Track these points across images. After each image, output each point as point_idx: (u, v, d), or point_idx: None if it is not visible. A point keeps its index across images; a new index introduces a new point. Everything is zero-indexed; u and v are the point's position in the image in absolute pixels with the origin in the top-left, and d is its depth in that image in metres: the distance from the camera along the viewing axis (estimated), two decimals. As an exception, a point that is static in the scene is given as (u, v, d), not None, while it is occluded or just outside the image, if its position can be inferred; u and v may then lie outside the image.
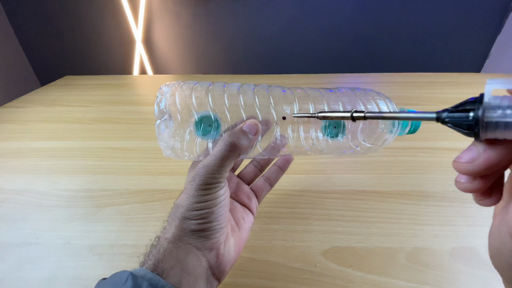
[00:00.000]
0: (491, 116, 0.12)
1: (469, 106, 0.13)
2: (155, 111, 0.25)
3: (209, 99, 0.25)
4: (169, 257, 0.20)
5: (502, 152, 0.13)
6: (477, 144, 0.14)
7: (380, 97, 0.26)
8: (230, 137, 0.23)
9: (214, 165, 0.22)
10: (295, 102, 0.25)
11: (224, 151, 0.22)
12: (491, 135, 0.12)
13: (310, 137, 0.26)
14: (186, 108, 0.25)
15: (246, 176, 0.31)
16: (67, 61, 1.65)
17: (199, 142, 0.26)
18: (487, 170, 0.13)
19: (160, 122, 0.26)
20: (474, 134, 0.13)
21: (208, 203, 0.22)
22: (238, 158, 0.23)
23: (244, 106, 0.25)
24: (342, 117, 0.19)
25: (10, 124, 0.60)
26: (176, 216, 0.22)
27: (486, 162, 0.13)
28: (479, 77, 0.82)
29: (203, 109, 0.25)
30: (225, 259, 0.23)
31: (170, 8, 1.46)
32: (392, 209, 0.35)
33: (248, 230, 0.27)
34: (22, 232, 0.34)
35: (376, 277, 0.27)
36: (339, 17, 1.41)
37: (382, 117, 0.17)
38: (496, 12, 1.34)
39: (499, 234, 0.13)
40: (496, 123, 0.12)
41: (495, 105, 0.12)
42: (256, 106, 0.25)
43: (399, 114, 0.16)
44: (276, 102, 0.25)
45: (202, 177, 0.22)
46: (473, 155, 0.13)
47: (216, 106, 0.25)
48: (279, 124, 0.26)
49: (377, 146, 0.26)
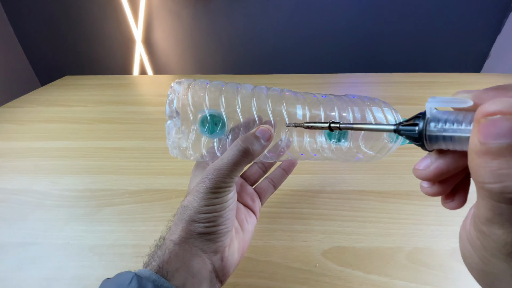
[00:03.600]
0: (431, 130, 0.13)
1: (416, 121, 0.14)
2: (167, 110, 0.25)
3: (222, 99, 0.25)
4: (174, 259, 0.20)
5: (449, 160, 0.14)
6: (431, 153, 0.15)
7: (387, 106, 0.26)
8: (243, 143, 0.22)
9: (225, 169, 0.22)
10: (306, 107, 0.26)
11: (237, 156, 0.22)
12: (436, 146, 0.14)
13: (315, 142, 0.27)
14: (196, 107, 0.25)
15: (250, 177, 0.31)
16: (67, 61, 1.65)
17: (205, 141, 0.26)
18: (438, 177, 0.15)
19: (170, 122, 0.25)
20: (421, 146, 0.14)
21: (217, 206, 0.22)
22: (250, 163, 0.23)
23: (257, 108, 0.25)
24: (322, 127, 0.21)
25: (10, 124, 0.60)
26: (183, 218, 0.22)
27: (436, 169, 0.14)
28: (479, 77, 0.82)
29: (214, 108, 0.25)
30: (229, 262, 0.23)
31: (170, 8, 1.46)
32: (392, 209, 0.35)
33: (251, 232, 0.27)
34: (22, 232, 0.34)
35: (376, 277, 0.27)
36: (339, 17, 1.41)
37: (352, 128, 0.19)
38: (496, 12, 1.34)
39: (461, 237, 0.14)
40: (436, 137, 0.13)
41: (435, 120, 0.13)
42: (269, 109, 0.25)
43: (366, 126, 0.18)
44: (288, 107, 0.26)
45: (212, 180, 0.22)
46: (427, 163, 0.15)
47: (226, 106, 0.25)
48: (287, 129, 0.26)
49: (381, 155, 0.27)
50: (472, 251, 0.13)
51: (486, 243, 0.12)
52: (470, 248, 0.13)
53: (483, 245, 0.12)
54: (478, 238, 0.12)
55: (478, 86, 0.80)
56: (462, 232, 0.14)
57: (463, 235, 0.14)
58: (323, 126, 0.20)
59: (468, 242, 0.13)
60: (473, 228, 0.13)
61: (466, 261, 0.14)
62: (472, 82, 0.74)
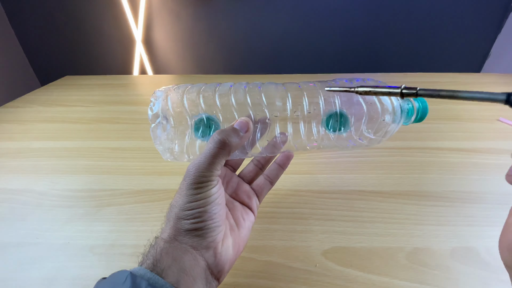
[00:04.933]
0: None
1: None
2: (149, 115, 0.25)
3: (201, 100, 0.25)
4: (165, 257, 0.20)
5: None
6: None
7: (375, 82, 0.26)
8: (219, 135, 0.23)
9: (204, 163, 0.22)
10: (287, 98, 0.25)
11: (214, 148, 0.22)
12: None
13: (311, 132, 0.26)
14: (181, 111, 0.25)
15: (247, 175, 0.31)
16: (67, 61, 1.65)
17: (198, 144, 0.26)
18: None
19: (154, 125, 0.26)
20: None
21: (200, 202, 0.22)
22: (229, 156, 0.23)
23: (236, 105, 0.25)
24: (389, 93, 0.16)
25: (10, 124, 0.60)
26: (170, 216, 0.22)
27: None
28: (479, 77, 0.82)
29: (196, 110, 0.25)
30: (223, 258, 0.23)
31: (170, 8, 1.46)
32: (392, 209, 0.35)
33: (249, 229, 0.27)
34: (22, 232, 0.34)
35: (376, 277, 0.27)
36: (339, 17, 1.41)
37: (438, 95, 0.14)
38: (496, 12, 1.34)
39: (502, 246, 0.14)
40: None
41: None
42: (248, 105, 0.25)
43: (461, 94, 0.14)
44: (272, 98, 0.25)
45: (192, 176, 0.22)
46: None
47: (208, 107, 0.25)
48: (277, 120, 0.25)
49: (381, 137, 0.26)
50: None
51: None
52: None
53: None
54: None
55: (478, 86, 0.80)
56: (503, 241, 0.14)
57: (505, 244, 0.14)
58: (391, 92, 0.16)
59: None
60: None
61: None
62: (472, 82, 0.74)
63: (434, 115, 0.56)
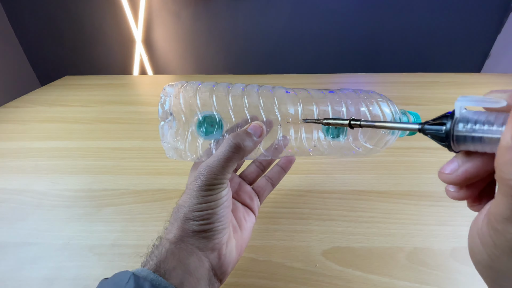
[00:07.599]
0: (459, 130, 0.13)
1: (444, 120, 0.14)
2: (159, 112, 0.25)
3: (213, 99, 0.25)
4: (171, 258, 0.20)
5: (478, 163, 0.14)
6: (458, 155, 0.14)
7: (383, 99, 0.26)
8: (234, 139, 0.22)
9: (217, 166, 0.22)
10: (299, 103, 0.26)
11: (228, 152, 0.22)
12: (464, 148, 0.13)
13: (312, 138, 0.27)
14: (190, 108, 0.25)
15: (248, 176, 0.31)
16: (67, 61, 1.65)
17: (201, 142, 0.26)
18: (466, 181, 0.14)
19: (164, 123, 0.25)
20: (447, 146, 0.14)
21: (211, 204, 0.22)
22: (242, 159, 0.23)
23: (248, 106, 0.25)
24: (342, 124, 0.21)
25: (10, 124, 0.60)
26: (178, 217, 0.22)
27: (464, 173, 0.14)
28: (479, 77, 0.82)
29: (207, 109, 0.25)
30: (227, 260, 0.23)
31: (170, 8, 1.46)
32: (392, 209, 0.35)
33: (250, 230, 0.27)
34: (22, 232, 0.34)
35: (376, 277, 0.27)
36: (339, 17, 1.41)
37: (374, 126, 0.19)
38: (496, 12, 1.34)
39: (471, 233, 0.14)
40: (465, 137, 0.13)
41: (465, 120, 0.13)
42: (261, 107, 0.25)
43: (389, 124, 0.18)
44: (280, 103, 0.25)
45: (204, 177, 0.22)
46: (454, 166, 0.14)
47: (220, 107, 0.25)
48: (282, 125, 0.26)
49: (379, 148, 0.27)
50: (481, 247, 0.13)
51: (498, 241, 0.12)
52: (480, 244, 0.13)
53: (494, 243, 0.12)
54: (490, 236, 0.12)
55: (478, 86, 0.80)
56: (473, 228, 0.14)
57: (474, 230, 0.14)
58: (343, 123, 0.20)
59: (478, 238, 0.13)
60: (486, 225, 0.13)
61: (474, 257, 0.14)
62: (472, 82, 0.74)
63: (434, 115, 0.56)
